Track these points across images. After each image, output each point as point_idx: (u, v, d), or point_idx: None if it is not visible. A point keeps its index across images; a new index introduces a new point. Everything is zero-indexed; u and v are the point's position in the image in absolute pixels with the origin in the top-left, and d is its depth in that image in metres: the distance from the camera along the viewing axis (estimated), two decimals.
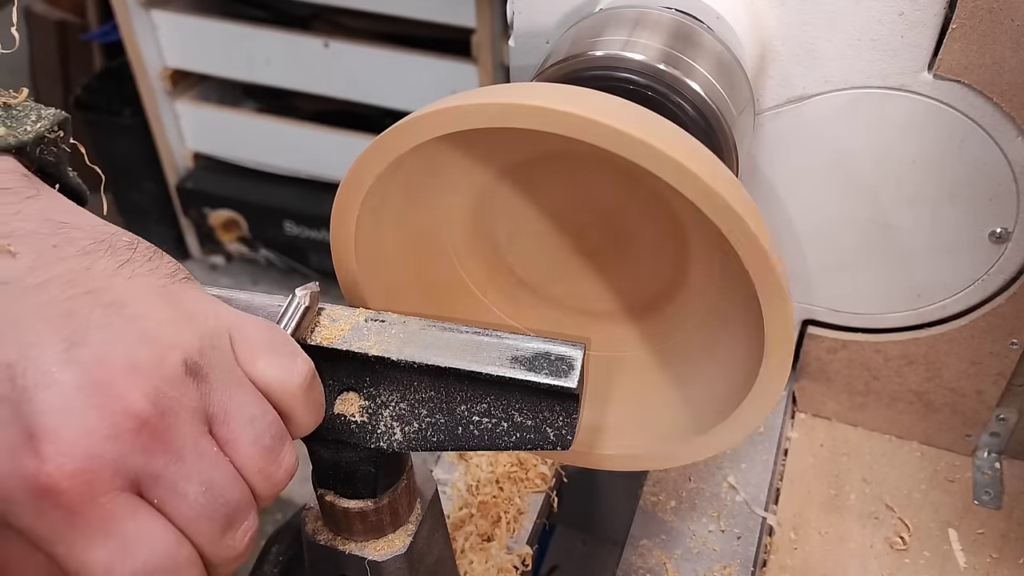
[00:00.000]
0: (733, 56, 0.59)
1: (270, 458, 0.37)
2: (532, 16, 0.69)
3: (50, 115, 0.39)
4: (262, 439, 0.36)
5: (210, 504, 0.34)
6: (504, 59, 1.83)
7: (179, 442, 0.34)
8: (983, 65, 0.60)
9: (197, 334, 0.35)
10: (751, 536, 0.70)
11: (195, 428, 0.34)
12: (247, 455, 0.36)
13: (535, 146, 0.52)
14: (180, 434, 0.34)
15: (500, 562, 0.67)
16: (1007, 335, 0.71)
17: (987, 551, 0.71)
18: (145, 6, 2.00)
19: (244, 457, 0.36)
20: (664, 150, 0.42)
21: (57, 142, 0.40)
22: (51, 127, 0.39)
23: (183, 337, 0.35)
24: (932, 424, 0.79)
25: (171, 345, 0.34)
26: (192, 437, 0.34)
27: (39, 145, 0.38)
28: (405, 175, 0.49)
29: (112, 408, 0.32)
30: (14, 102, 0.39)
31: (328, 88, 1.99)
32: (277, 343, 0.38)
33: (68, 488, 0.31)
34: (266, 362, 0.37)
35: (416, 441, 0.44)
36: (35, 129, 0.38)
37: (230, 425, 0.36)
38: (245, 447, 0.36)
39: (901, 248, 0.70)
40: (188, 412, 0.34)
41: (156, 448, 0.33)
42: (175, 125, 2.19)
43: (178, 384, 0.34)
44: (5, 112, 0.38)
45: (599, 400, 0.57)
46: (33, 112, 0.39)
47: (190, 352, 0.35)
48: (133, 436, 0.32)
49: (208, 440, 0.35)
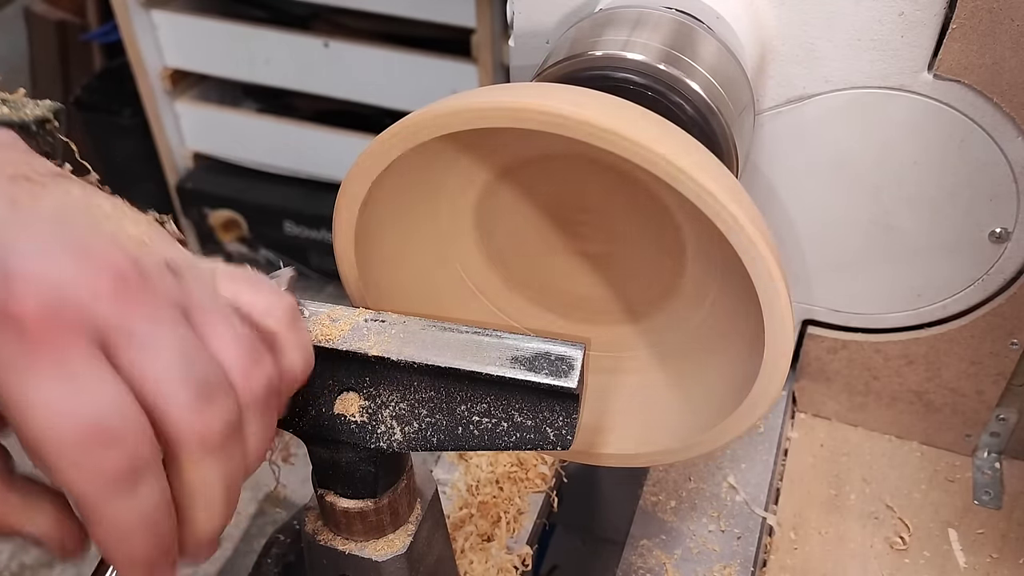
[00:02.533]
0: (733, 56, 0.59)
1: (251, 357, 0.34)
2: (532, 16, 0.69)
3: (46, 105, 0.40)
4: (242, 341, 0.34)
5: (184, 367, 0.32)
6: (504, 59, 1.83)
7: (156, 304, 0.32)
8: (983, 65, 0.60)
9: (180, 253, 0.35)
10: (751, 536, 0.70)
11: (173, 305, 0.33)
12: (228, 346, 0.34)
13: (535, 146, 0.52)
14: (158, 298, 0.32)
15: (500, 562, 0.67)
16: (1007, 335, 0.71)
17: (987, 551, 0.71)
18: (145, 6, 2.00)
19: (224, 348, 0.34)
20: (663, 152, 0.42)
21: (53, 133, 0.40)
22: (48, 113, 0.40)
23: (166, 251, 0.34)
24: (932, 424, 0.79)
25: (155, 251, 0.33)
26: (169, 309, 0.33)
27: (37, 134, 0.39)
28: (405, 175, 0.49)
29: (91, 263, 0.31)
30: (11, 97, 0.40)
31: (328, 88, 1.99)
32: (260, 279, 0.38)
33: (29, 318, 0.30)
34: (248, 291, 0.37)
35: (416, 441, 0.44)
36: (34, 112, 0.39)
37: (210, 317, 0.34)
38: (226, 339, 0.34)
39: (901, 248, 0.70)
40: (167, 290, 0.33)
41: (132, 304, 0.32)
42: (175, 125, 2.19)
43: (159, 270, 0.33)
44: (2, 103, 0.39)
45: (599, 400, 0.57)
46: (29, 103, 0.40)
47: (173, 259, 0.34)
48: (109, 285, 0.31)
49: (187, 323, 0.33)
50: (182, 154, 2.24)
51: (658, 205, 0.53)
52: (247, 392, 0.34)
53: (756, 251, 0.43)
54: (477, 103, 0.43)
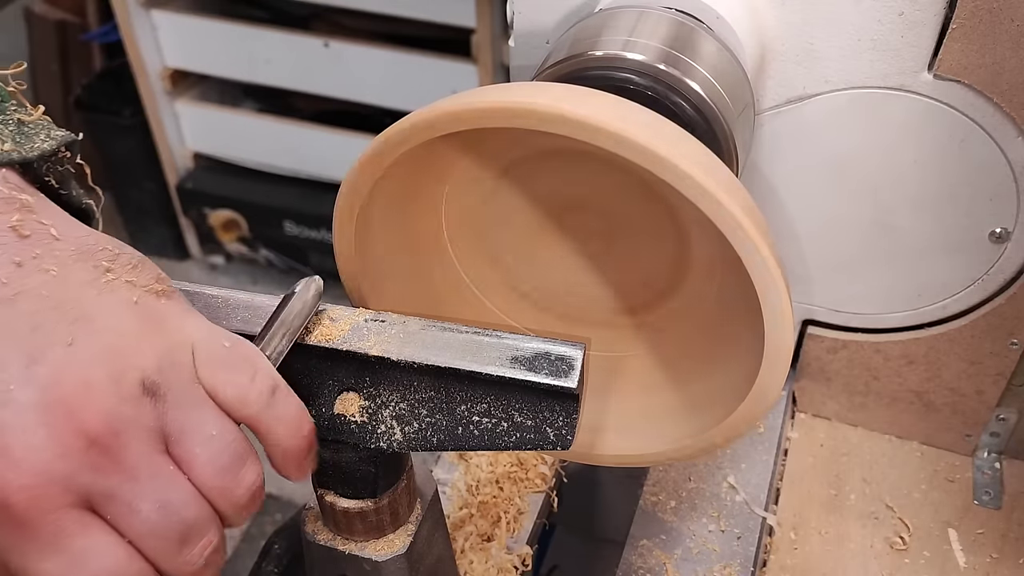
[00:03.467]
0: (733, 56, 0.59)
1: (228, 476, 0.37)
2: (532, 16, 0.69)
3: (59, 136, 0.40)
4: (219, 458, 0.36)
5: (163, 521, 0.35)
6: (504, 59, 1.83)
7: (132, 460, 0.34)
8: (983, 65, 0.60)
9: (158, 351, 0.36)
10: (751, 536, 0.70)
11: (150, 447, 0.35)
12: (203, 474, 0.36)
13: (535, 146, 0.52)
14: (133, 452, 0.34)
15: (500, 562, 0.67)
16: (1007, 335, 0.71)
17: (987, 551, 0.71)
18: (145, 6, 2.00)
19: (201, 476, 0.36)
20: (664, 152, 0.42)
21: (64, 161, 0.40)
22: (58, 147, 0.40)
23: (143, 354, 0.35)
24: (932, 424, 0.79)
25: (129, 365, 0.35)
26: (146, 456, 0.35)
27: (44, 163, 0.39)
28: (405, 175, 0.49)
29: (63, 428, 0.33)
30: (28, 119, 0.39)
31: (328, 88, 1.99)
32: (236, 359, 0.38)
33: (18, 503, 0.32)
34: (223, 378, 0.37)
35: (416, 441, 0.44)
36: (41, 147, 0.38)
37: (185, 444, 0.36)
38: (201, 466, 0.36)
39: (901, 248, 0.70)
40: (143, 431, 0.35)
41: (107, 467, 0.34)
42: (175, 125, 2.19)
43: (133, 403, 0.34)
44: (17, 128, 0.38)
45: (599, 400, 0.57)
46: (43, 131, 0.40)
47: (148, 371, 0.35)
48: (83, 454, 0.33)
49: (164, 459, 0.35)
50: (182, 154, 2.24)
51: (658, 204, 0.53)
52: (230, 507, 0.37)
53: (756, 250, 0.43)
54: (477, 103, 0.43)
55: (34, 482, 0.32)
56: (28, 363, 0.33)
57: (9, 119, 0.38)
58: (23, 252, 0.34)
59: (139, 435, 0.34)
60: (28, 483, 0.32)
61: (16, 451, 0.32)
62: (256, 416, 0.38)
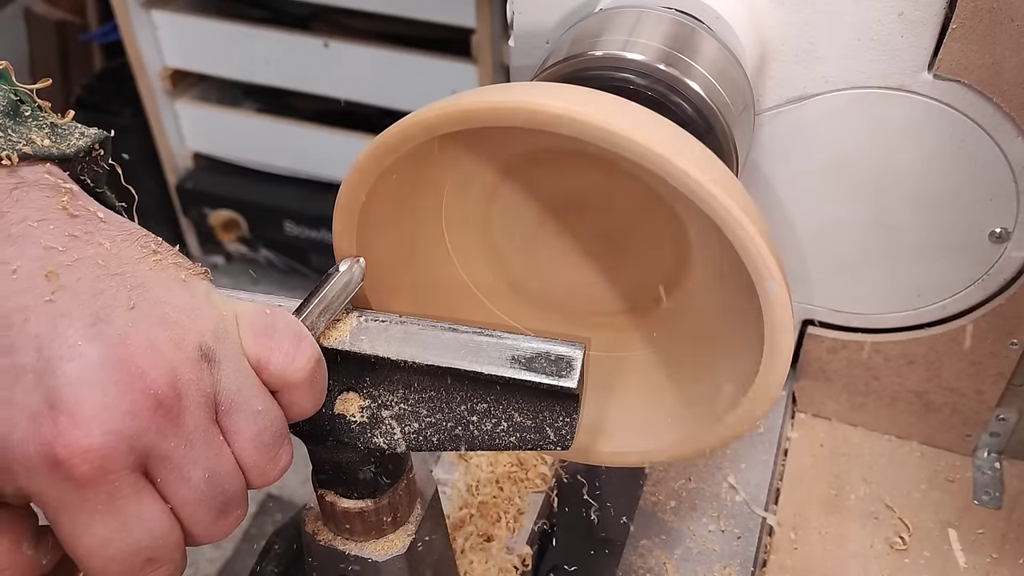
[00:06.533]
0: (733, 56, 0.59)
1: (268, 455, 0.37)
2: (532, 16, 0.69)
3: (92, 133, 0.41)
4: (263, 436, 0.37)
5: (209, 491, 0.35)
6: (504, 59, 1.83)
7: (191, 426, 0.34)
8: (983, 65, 0.60)
9: (212, 320, 0.36)
10: (751, 536, 0.70)
11: (206, 414, 0.35)
12: (246, 449, 0.37)
13: (534, 145, 0.52)
14: (192, 417, 0.34)
15: (500, 562, 0.67)
16: (1007, 335, 0.71)
17: (987, 551, 0.71)
18: (145, 6, 2.00)
19: (244, 451, 0.37)
20: (664, 151, 0.42)
21: (98, 160, 0.41)
22: (94, 143, 0.40)
23: (199, 323, 0.35)
24: (932, 424, 0.79)
25: (189, 329, 0.35)
26: (203, 422, 0.35)
27: (80, 163, 0.39)
28: (405, 175, 0.49)
29: (133, 385, 0.32)
30: (61, 122, 0.40)
31: (328, 88, 1.99)
32: (280, 327, 0.39)
33: (81, 463, 0.31)
34: (271, 349, 0.38)
35: (416, 441, 0.44)
36: (77, 144, 0.39)
37: (234, 416, 0.36)
38: (245, 440, 0.37)
39: (901, 248, 0.70)
40: (202, 396, 0.35)
41: (169, 429, 0.34)
42: (175, 125, 2.19)
43: (195, 367, 0.35)
44: (52, 130, 0.39)
45: (599, 400, 0.57)
46: (77, 131, 0.40)
47: (205, 337, 0.35)
48: (150, 415, 0.33)
49: (216, 429, 0.36)
50: (182, 154, 2.24)
51: (659, 203, 0.53)
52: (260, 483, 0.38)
53: (756, 250, 0.43)
54: (476, 103, 0.43)
55: (103, 442, 0.31)
56: (94, 321, 0.32)
57: (43, 123, 0.39)
58: (76, 228, 0.35)
59: (199, 400, 0.35)
60: (97, 443, 0.31)
61: (85, 407, 0.31)
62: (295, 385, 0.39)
